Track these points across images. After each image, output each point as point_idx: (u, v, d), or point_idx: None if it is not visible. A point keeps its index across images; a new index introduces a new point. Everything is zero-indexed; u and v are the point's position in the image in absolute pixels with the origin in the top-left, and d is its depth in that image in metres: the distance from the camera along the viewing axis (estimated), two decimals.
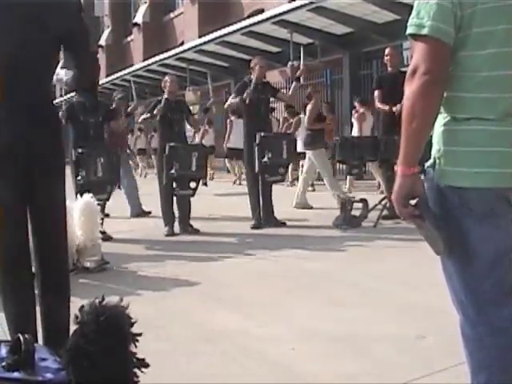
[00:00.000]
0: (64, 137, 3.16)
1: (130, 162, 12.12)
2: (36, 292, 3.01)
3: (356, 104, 12.13)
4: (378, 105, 8.05)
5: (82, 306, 1.83)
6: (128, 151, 10.61)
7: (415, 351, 3.28)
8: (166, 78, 8.15)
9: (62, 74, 3.27)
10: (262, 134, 7.67)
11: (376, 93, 8.07)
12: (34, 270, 3.04)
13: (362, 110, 11.79)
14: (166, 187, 7.53)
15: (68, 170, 6.85)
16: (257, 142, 7.63)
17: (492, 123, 1.80)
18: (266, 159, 7.61)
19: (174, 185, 7.47)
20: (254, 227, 7.76)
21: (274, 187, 8.14)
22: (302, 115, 10.83)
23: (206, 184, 14.16)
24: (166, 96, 7.95)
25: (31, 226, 2.99)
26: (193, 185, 7.60)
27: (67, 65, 3.22)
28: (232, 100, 8.15)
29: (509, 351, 1.90)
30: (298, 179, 12.32)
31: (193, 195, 7.63)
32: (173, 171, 7.33)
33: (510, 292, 1.90)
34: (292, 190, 12.53)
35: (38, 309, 3.01)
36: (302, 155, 10.52)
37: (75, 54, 3.09)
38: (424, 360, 3.13)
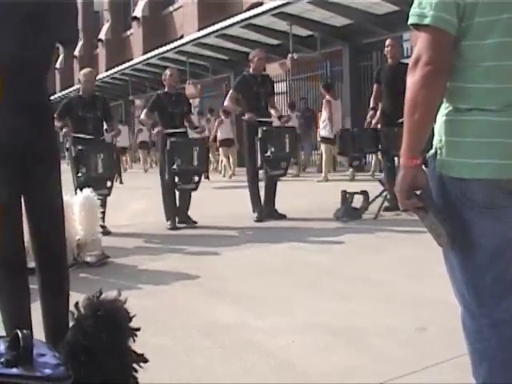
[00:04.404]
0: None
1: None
2: (35, 287, 3.01)
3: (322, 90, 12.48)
4: (372, 101, 8.18)
5: (78, 301, 1.82)
6: None
7: (416, 343, 3.27)
8: (167, 71, 8.10)
9: None
10: (264, 127, 7.65)
11: (374, 87, 8.13)
12: (31, 266, 3.04)
13: (327, 97, 12.14)
14: (169, 182, 7.50)
15: (67, 166, 6.85)
16: (259, 136, 7.60)
17: (494, 114, 1.79)
18: (268, 153, 7.59)
19: (177, 179, 7.45)
20: (257, 220, 7.74)
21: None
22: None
23: (208, 177, 14.27)
24: (166, 90, 7.92)
25: (29, 225, 3.00)
26: (196, 179, 7.59)
27: None
28: (228, 104, 8.11)
29: (509, 343, 1.89)
30: None
31: (196, 189, 7.63)
32: (175, 166, 7.31)
33: (511, 285, 1.89)
34: (290, 183, 12.56)
35: (37, 304, 3.02)
36: None
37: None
38: (425, 352, 3.12)
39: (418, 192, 1.86)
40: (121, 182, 7.42)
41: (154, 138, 7.89)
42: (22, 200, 2.96)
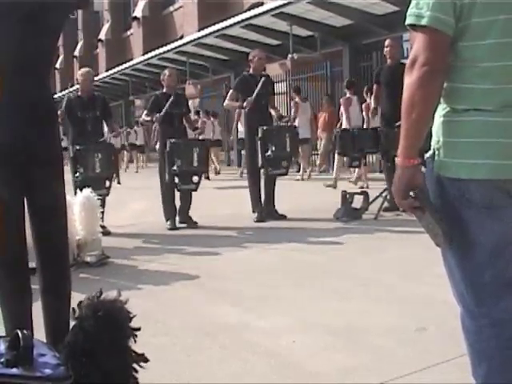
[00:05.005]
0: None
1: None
2: (37, 287, 3.01)
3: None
4: (372, 102, 8.29)
5: (81, 302, 1.83)
6: None
7: (416, 343, 3.27)
8: (165, 71, 8.10)
9: None
10: (264, 127, 7.65)
11: (374, 87, 8.18)
12: (32, 265, 3.04)
13: (297, 99, 12.76)
14: (169, 183, 7.50)
15: (66, 167, 6.84)
16: (259, 135, 7.61)
17: (490, 114, 1.79)
18: (269, 153, 7.59)
19: (177, 180, 7.45)
20: (258, 221, 7.74)
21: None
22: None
23: (208, 178, 14.29)
24: (164, 90, 7.92)
25: (31, 225, 2.99)
26: (195, 179, 7.59)
27: None
28: (228, 102, 8.11)
29: (508, 343, 1.89)
30: None
31: (196, 189, 7.62)
32: (175, 167, 7.30)
33: (510, 284, 1.89)
34: (291, 183, 12.57)
35: (37, 304, 3.01)
36: None
37: None
38: (425, 352, 3.12)
39: (415, 192, 1.87)
40: (118, 183, 7.40)
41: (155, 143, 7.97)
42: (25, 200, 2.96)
